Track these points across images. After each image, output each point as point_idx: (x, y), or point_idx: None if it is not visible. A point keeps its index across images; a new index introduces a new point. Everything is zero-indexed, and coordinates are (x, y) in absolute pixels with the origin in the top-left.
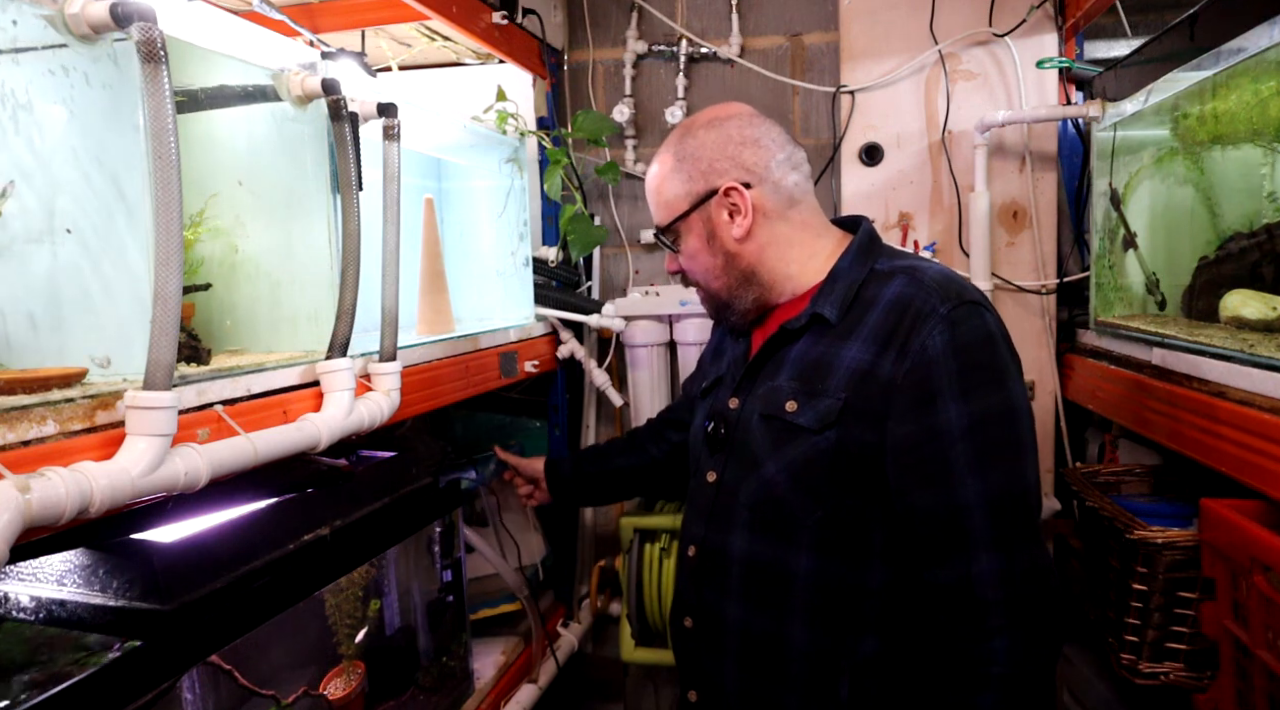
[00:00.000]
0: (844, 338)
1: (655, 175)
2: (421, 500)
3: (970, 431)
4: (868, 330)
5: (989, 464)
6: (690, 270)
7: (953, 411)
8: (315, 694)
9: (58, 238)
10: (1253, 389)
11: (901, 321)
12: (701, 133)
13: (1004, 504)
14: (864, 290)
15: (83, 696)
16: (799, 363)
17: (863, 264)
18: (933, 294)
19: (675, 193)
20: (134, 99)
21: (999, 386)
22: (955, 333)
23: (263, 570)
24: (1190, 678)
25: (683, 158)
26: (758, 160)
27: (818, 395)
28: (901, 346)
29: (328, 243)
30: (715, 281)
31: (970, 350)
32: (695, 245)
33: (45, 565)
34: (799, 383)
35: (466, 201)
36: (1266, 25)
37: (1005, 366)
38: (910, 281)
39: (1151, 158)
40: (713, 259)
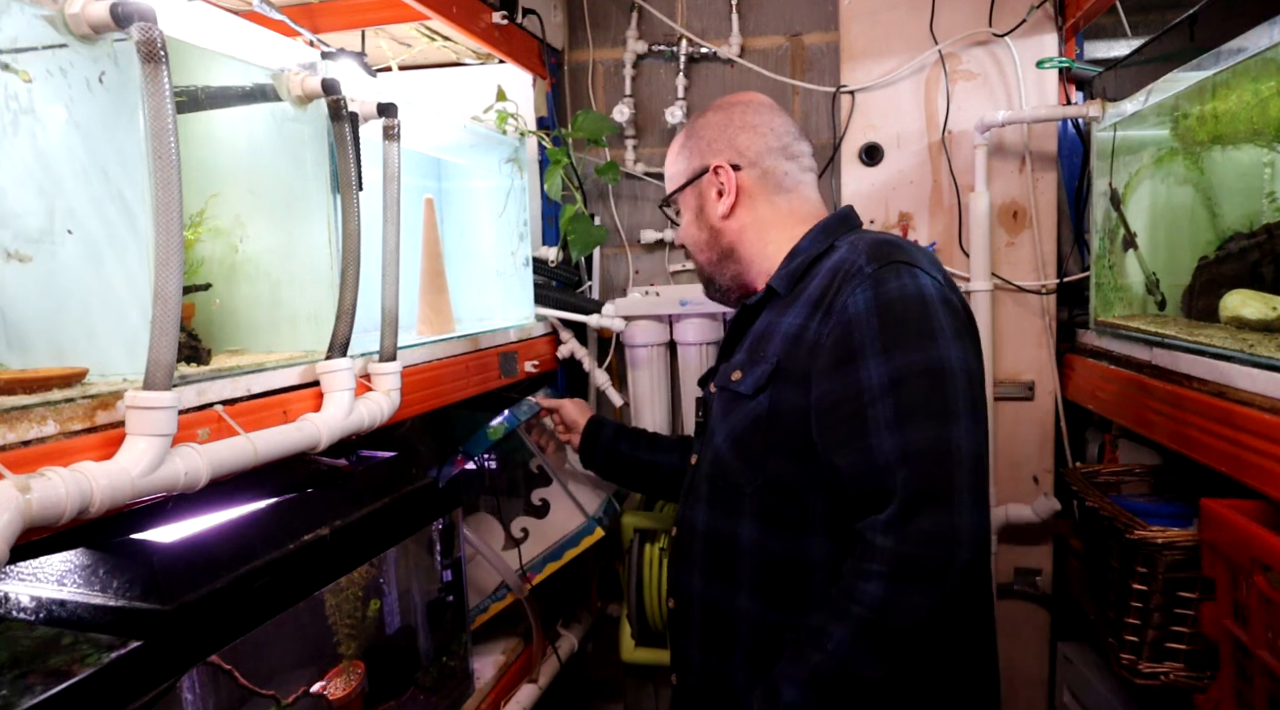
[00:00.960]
0: (788, 306)
1: (670, 149)
2: (421, 500)
3: (890, 388)
4: (805, 297)
5: (909, 421)
6: (683, 241)
7: (873, 368)
8: (315, 694)
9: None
10: (1253, 389)
11: (831, 284)
12: (711, 114)
13: (925, 462)
14: (816, 264)
15: (83, 696)
16: (753, 336)
17: (823, 241)
18: (861, 254)
19: (678, 167)
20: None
21: (925, 344)
22: (879, 291)
23: (263, 570)
24: (1190, 678)
25: (690, 135)
26: (750, 144)
27: (757, 363)
28: (828, 307)
29: (328, 243)
30: (700, 254)
31: (893, 308)
32: (688, 218)
33: (45, 565)
34: (747, 354)
35: (466, 201)
36: (1266, 25)
37: (935, 325)
38: (849, 249)
39: (1151, 158)
40: (700, 233)
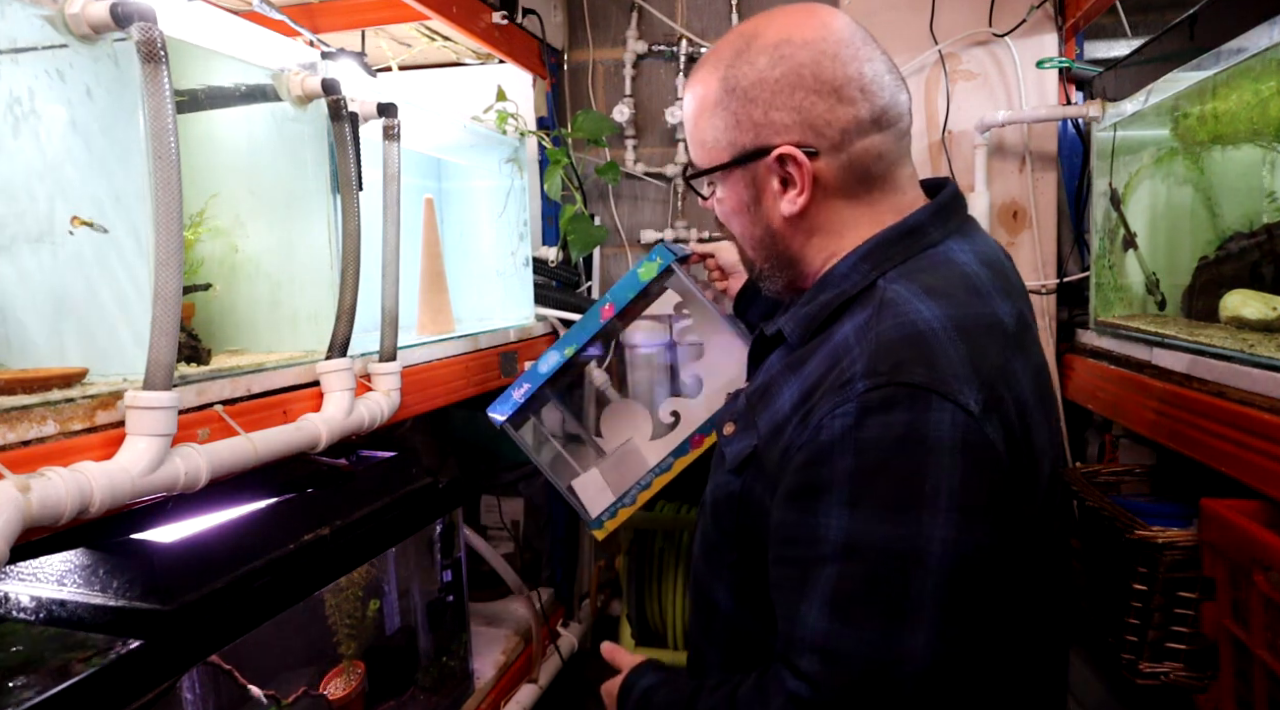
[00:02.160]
0: (792, 370)
1: (694, 101)
2: (421, 500)
3: (841, 555)
4: (806, 371)
5: (846, 609)
6: (726, 222)
7: (834, 518)
8: (315, 694)
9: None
10: (1253, 389)
11: (826, 377)
12: (763, 58)
13: (844, 672)
14: (843, 313)
15: (83, 696)
16: (763, 378)
17: (865, 273)
18: (864, 356)
19: (715, 136)
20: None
21: (902, 516)
22: (863, 422)
23: (263, 570)
24: (1190, 678)
25: (732, 89)
26: (834, 118)
27: (748, 428)
28: (809, 411)
29: (328, 243)
30: (750, 250)
31: (875, 451)
32: (734, 204)
33: (45, 565)
34: (747, 403)
35: (466, 201)
36: (1266, 25)
37: (927, 490)
38: (864, 323)
39: (1151, 158)
40: (752, 228)
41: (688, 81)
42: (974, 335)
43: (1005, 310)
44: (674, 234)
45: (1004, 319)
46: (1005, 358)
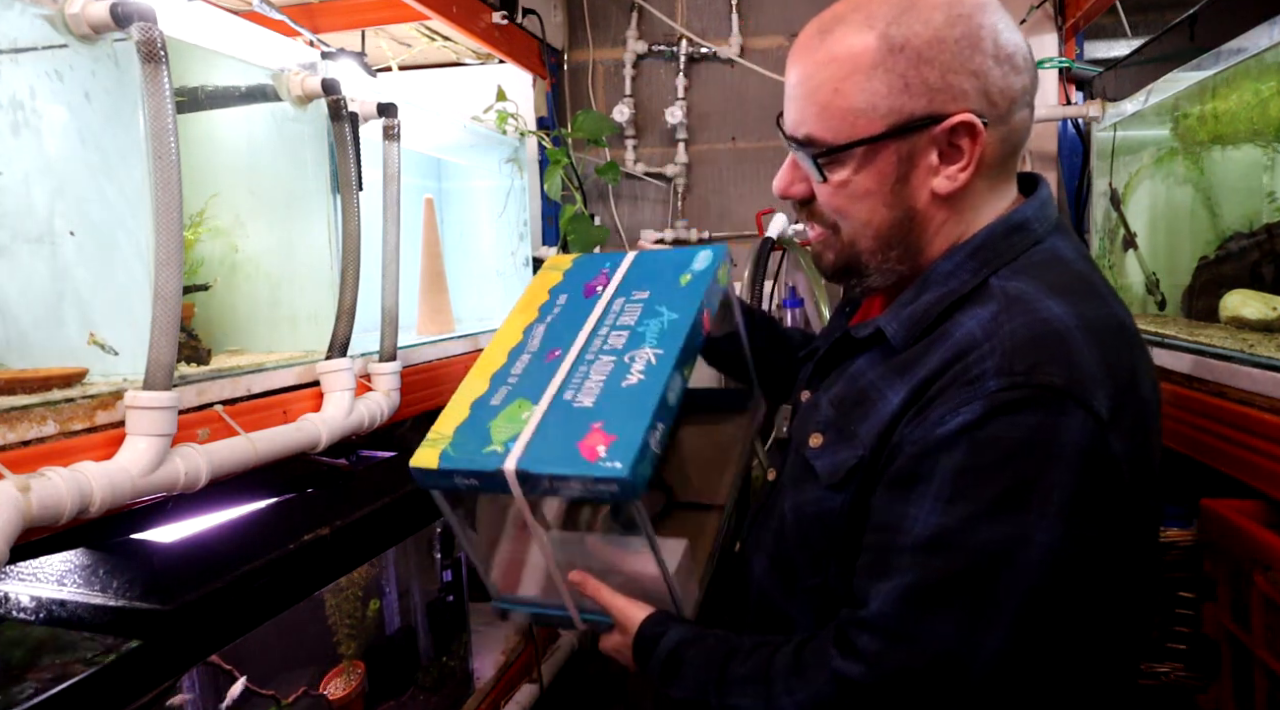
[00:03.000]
0: (898, 374)
1: (836, 61)
2: (421, 500)
3: (925, 548)
4: (918, 371)
5: (919, 596)
6: (834, 209)
7: (925, 508)
8: (315, 694)
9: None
10: (1253, 389)
11: (946, 374)
12: (939, 15)
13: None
14: (956, 312)
15: (83, 696)
16: (850, 384)
17: (974, 271)
18: (995, 353)
19: (870, 102)
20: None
21: (1004, 516)
22: (989, 421)
23: (263, 570)
24: (1190, 678)
25: (900, 47)
26: (1006, 87)
27: (845, 439)
28: (924, 408)
29: (328, 243)
30: (865, 239)
31: (993, 450)
32: (870, 184)
33: (45, 565)
34: (836, 411)
35: (466, 201)
36: (1266, 25)
37: (1038, 494)
38: (990, 320)
39: (1151, 158)
40: (886, 211)
41: (813, 39)
42: (1104, 336)
43: (1121, 310)
44: (674, 234)
45: (1124, 319)
46: (1133, 359)
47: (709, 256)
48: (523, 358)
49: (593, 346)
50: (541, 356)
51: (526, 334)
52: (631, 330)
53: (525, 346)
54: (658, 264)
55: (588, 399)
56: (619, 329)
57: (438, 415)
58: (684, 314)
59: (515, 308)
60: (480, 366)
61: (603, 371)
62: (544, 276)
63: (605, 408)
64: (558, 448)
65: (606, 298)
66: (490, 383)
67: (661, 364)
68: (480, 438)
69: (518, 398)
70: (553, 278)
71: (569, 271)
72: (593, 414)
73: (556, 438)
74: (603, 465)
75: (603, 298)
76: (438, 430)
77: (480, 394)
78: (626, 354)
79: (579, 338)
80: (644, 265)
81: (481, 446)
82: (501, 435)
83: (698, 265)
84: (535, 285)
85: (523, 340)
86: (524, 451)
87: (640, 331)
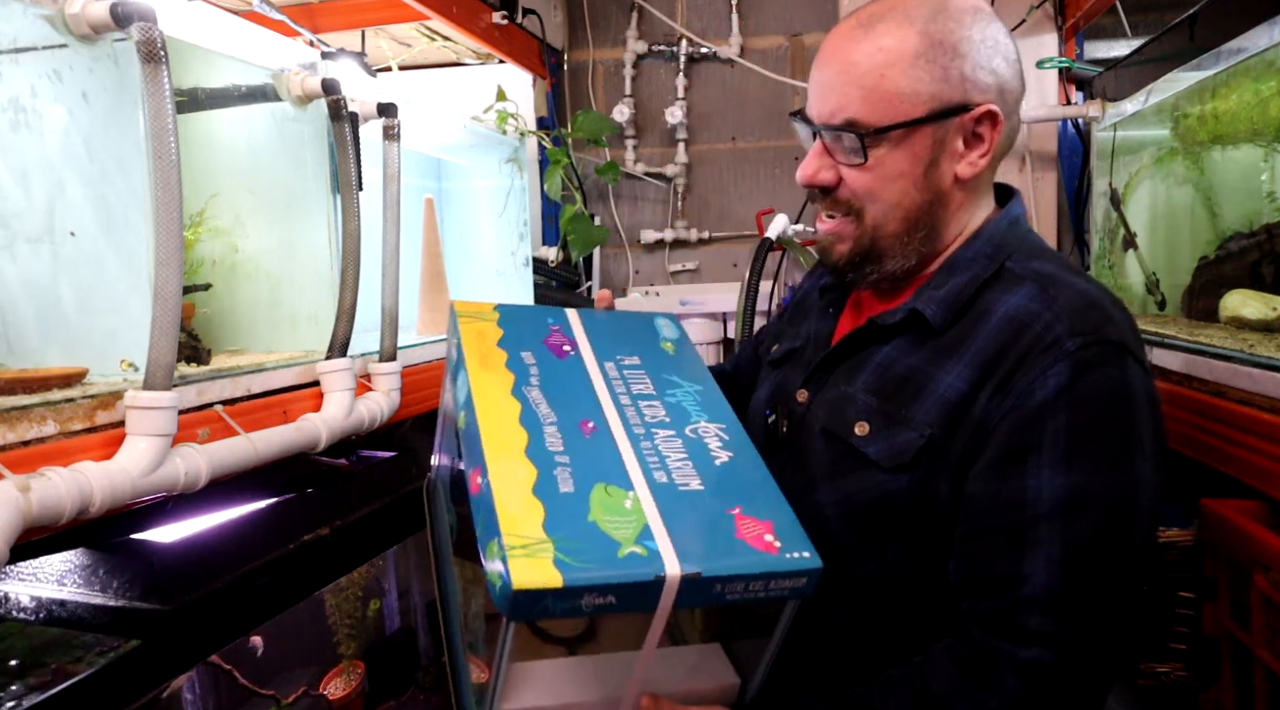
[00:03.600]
0: (945, 354)
1: (883, 52)
2: (421, 500)
3: (1062, 512)
4: (974, 350)
5: (1078, 565)
6: (867, 192)
7: (1045, 478)
8: (315, 694)
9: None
10: (1253, 389)
11: (1012, 346)
12: (968, 18)
13: (1081, 622)
14: (984, 293)
15: (83, 696)
16: (882, 372)
17: (991, 256)
18: (1061, 319)
19: (914, 88)
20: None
21: (1119, 462)
22: (1078, 380)
23: (263, 570)
24: (1190, 678)
25: (938, 44)
26: (1012, 89)
27: (897, 423)
28: (1004, 380)
29: (328, 243)
30: (893, 221)
31: (1092, 405)
32: (904, 167)
33: (45, 565)
34: (877, 399)
35: (466, 201)
36: (1266, 25)
37: (1137, 439)
38: (1039, 294)
39: (1151, 158)
40: (916, 193)
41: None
42: (1118, 304)
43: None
44: (674, 234)
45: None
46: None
47: (672, 326)
48: (548, 429)
49: (631, 418)
50: (575, 429)
51: (522, 399)
52: (662, 401)
53: (537, 415)
54: (617, 329)
55: (693, 482)
56: (645, 399)
57: (438, 416)
58: (706, 384)
59: (469, 362)
60: (498, 441)
61: (677, 449)
62: (474, 326)
63: (724, 491)
64: (717, 543)
65: (591, 360)
66: (535, 464)
67: (738, 439)
68: (598, 538)
69: (597, 482)
70: (487, 329)
71: (504, 323)
72: (716, 499)
73: (702, 531)
74: (789, 557)
75: (585, 360)
76: (517, 534)
77: (535, 478)
78: (686, 428)
79: (605, 407)
80: (600, 328)
81: (613, 550)
82: (626, 533)
83: (669, 333)
84: (469, 336)
85: (525, 407)
86: (678, 551)
87: (673, 403)
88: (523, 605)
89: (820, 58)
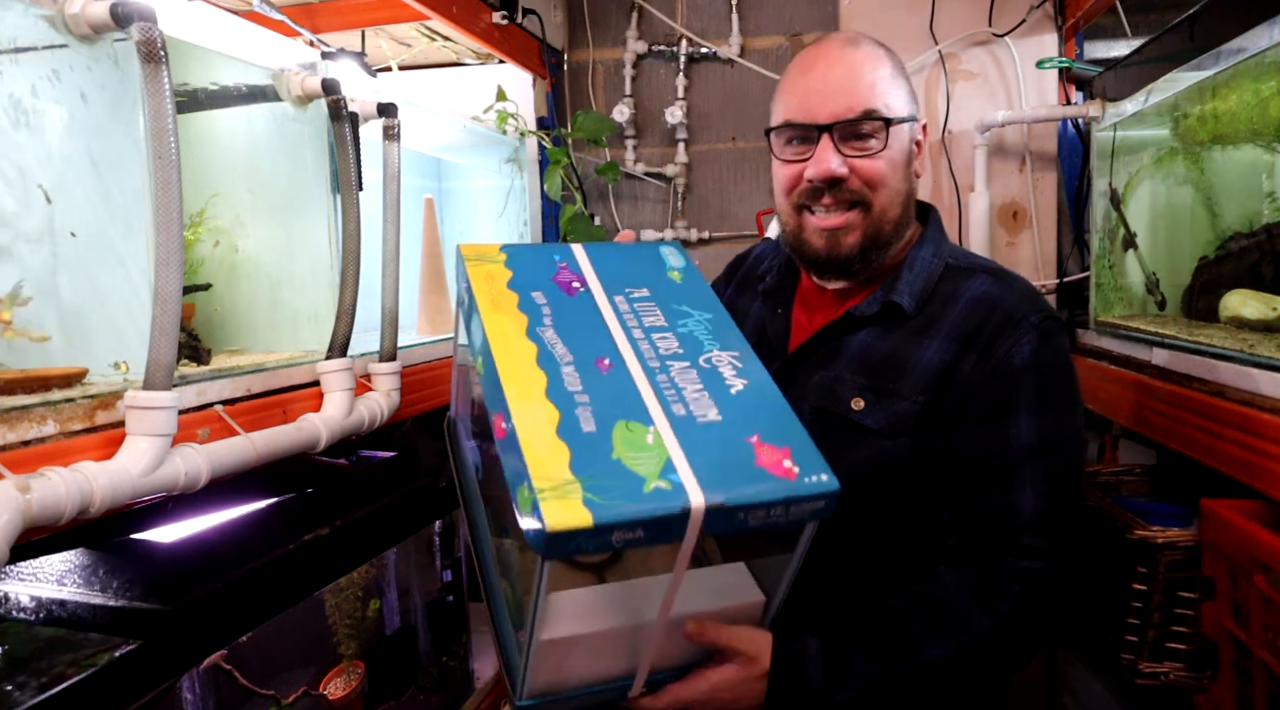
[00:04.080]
0: (920, 334)
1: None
2: (421, 500)
3: (1042, 450)
4: (948, 327)
5: (1057, 492)
6: (879, 178)
7: (1023, 424)
8: (315, 694)
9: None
10: (1253, 389)
11: (987, 323)
12: (898, 58)
13: (1061, 538)
14: (941, 285)
15: (83, 696)
16: (863, 355)
17: (938, 257)
18: (1024, 301)
19: (900, 94)
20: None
21: (1071, 411)
22: (1044, 347)
23: (263, 570)
24: (1190, 678)
25: (898, 67)
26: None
27: (890, 395)
28: (985, 350)
29: (328, 243)
30: (894, 207)
31: (1053, 368)
32: (901, 158)
33: (45, 565)
34: (865, 378)
35: (466, 201)
36: (1266, 25)
37: (1078, 390)
38: (997, 282)
39: (1151, 158)
40: (905, 183)
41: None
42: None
43: None
44: (674, 234)
45: None
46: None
47: (678, 254)
48: (566, 370)
49: (645, 352)
50: (592, 367)
51: (537, 340)
52: (674, 332)
53: (554, 355)
54: (625, 261)
55: (710, 413)
56: (658, 331)
57: (438, 415)
58: (716, 312)
59: (481, 306)
60: (518, 385)
61: (692, 380)
62: (482, 269)
63: (741, 420)
64: (738, 472)
65: (601, 296)
66: (557, 405)
67: (751, 365)
68: (623, 475)
69: (618, 419)
70: (496, 271)
71: (512, 264)
72: (734, 428)
73: (723, 461)
74: (808, 481)
75: (595, 295)
76: (546, 477)
77: (557, 420)
78: (700, 357)
79: (619, 343)
80: (607, 261)
81: (638, 486)
82: (649, 468)
83: (675, 262)
84: (479, 279)
85: (541, 348)
86: (701, 483)
87: (685, 333)
88: (556, 545)
89: (816, 69)
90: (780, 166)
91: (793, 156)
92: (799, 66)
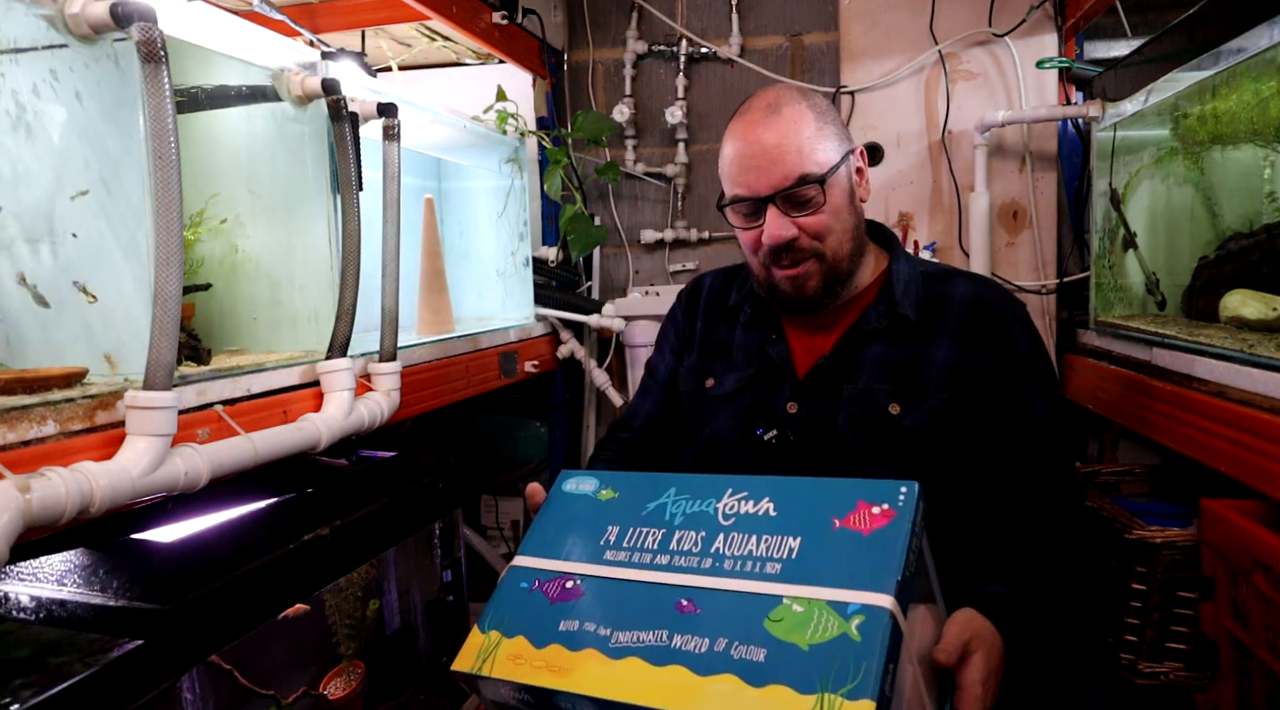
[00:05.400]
0: (927, 337)
1: (800, 124)
2: (421, 500)
3: (1055, 418)
4: (952, 330)
5: (1066, 447)
6: (826, 228)
7: (1039, 403)
8: (315, 694)
9: None
10: (1253, 389)
11: (985, 319)
12: (818, 99)
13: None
14: (926, 290)
15: (83, 696)
16: (883, 365)
17: (912, 267)
18: (1004, 297)
19: (827, 145)
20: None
21: (1056, 382)
22: (1031, 334)
23: (263, 570)
24: (1190, 678)
25: (822, 113)
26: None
27: (918, 396)
28: (993, 345)
29: (328, 243)
30: (846, 244)
31: (1040, 348)
32: (841, 201)
33: (45, 565)
34: (892, 384)
35: (466, 201)
36: (1266, 25)
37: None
38: (978, 283)
39: (1151, 158)
40: (852, 218)
41: (768, 114)
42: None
43: None
44: (674, 234)
45: None
46: None
47: (585, 479)
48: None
49: (701, 567)
50: (676, 614)
51: (607, 651)
52: (672, 529)
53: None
54: (581, 532)
55: (796, 547)
56: (659, 553)
57: (438, 415)
58: (679, 482)
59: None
60: (656, 691)
61: (750, 546)
62: (503, 650)
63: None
64: (862, 566)
65: (617, 569)
66: (694, 671)
67: (770, 494)
68: (841, 649)
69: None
70: (510, 644)
71: (496, 624)
72: (828, 563)
73: (855, 560)
74: (900, 501)
75: (616, 576)
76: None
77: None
78: (719, 534)
79: (673, 583)
80: (553, 540)
81: (857, 649)
82: (834, 629)
83: (587, 488)
84: (503, 661)
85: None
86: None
87: (674, 523)
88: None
89: (746, 147)
90: (740, 232)
91: (747, 225)
92: (732, 139)
